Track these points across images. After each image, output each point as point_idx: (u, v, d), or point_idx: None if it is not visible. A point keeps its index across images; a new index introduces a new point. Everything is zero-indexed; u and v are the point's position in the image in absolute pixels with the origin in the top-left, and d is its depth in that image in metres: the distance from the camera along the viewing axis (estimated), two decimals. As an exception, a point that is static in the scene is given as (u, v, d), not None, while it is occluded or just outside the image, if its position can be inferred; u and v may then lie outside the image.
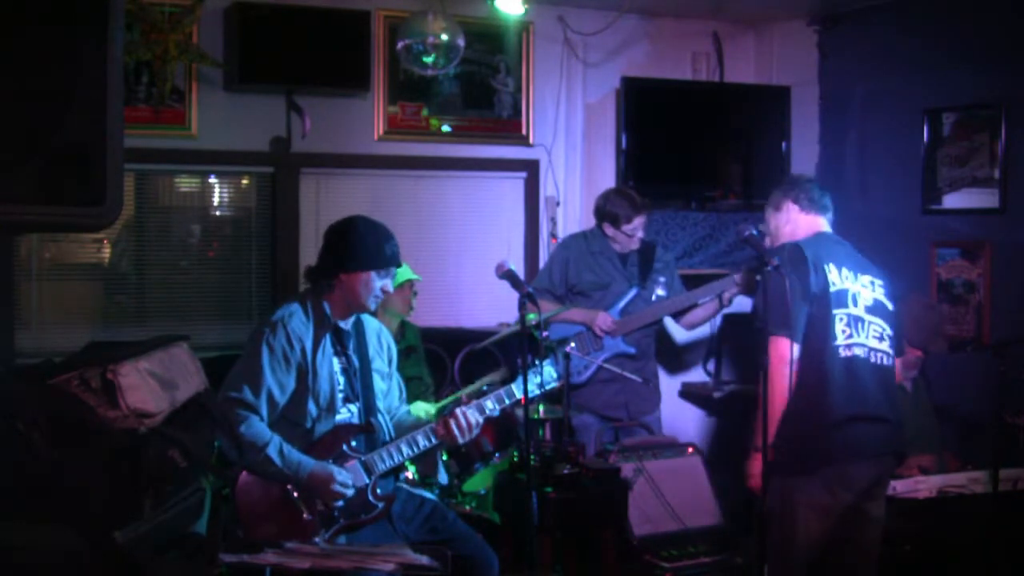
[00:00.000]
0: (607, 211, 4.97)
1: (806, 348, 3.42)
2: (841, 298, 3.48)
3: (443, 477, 4.23)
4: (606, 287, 5.00)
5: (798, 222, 3.70)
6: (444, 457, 4.25)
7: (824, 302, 3.46)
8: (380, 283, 3.46)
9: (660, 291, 5.06)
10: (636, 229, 4.94)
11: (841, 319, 3.46)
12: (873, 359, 3.51)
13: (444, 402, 4.54)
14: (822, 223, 3.71)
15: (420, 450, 3.51)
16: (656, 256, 5.12)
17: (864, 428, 3.45)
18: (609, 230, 4.98)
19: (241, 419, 3.27)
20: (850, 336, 3.47)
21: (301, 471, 3.31)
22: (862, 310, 3.52)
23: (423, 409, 4.38)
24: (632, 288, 5.00)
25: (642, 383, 4.88)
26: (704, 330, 5.81)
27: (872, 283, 3.61)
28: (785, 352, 3.39)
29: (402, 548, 2.85)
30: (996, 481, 3.69)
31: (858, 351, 3.47)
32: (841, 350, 3.45)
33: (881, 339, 3.55)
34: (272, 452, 3.28)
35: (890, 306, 3.64)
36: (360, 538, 3.39)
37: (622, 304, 4.97)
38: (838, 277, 3.50)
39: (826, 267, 3.48)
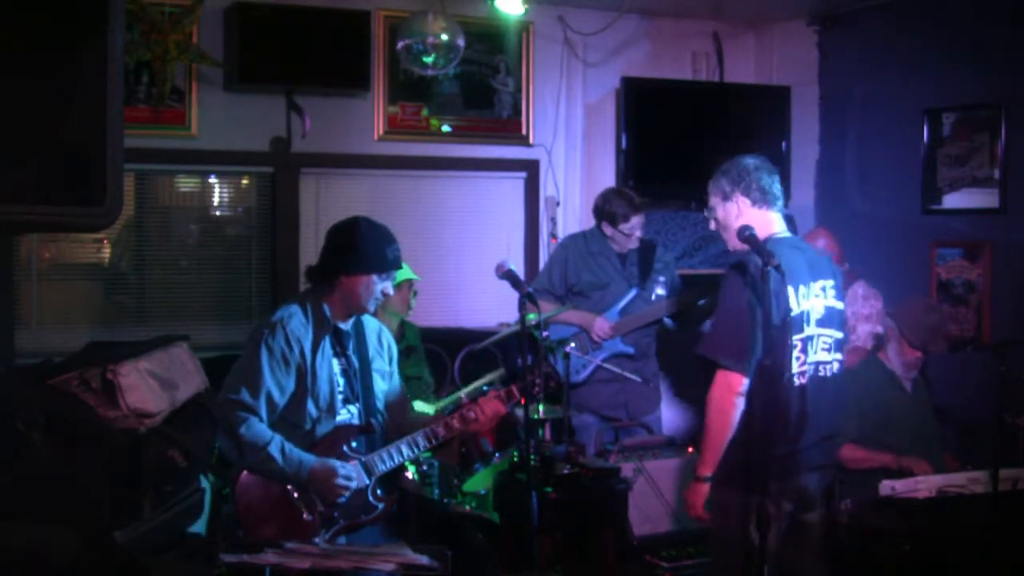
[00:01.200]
0: (605, 210, 4.98)
1: (759, 378, 3.20)
2: (798, 323, 3.30)
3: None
4: (605, 287, 5.00)
5: (749, 218, 3.39)
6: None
7: (784, 330, 3.25)
8: (381, 286, 3.45)
9: (660, 291, 5.06)
10: (634, 228, 4.94)
11: (796, 346, 3.29)
12: (821, 372, 3.37)
13: (443, 402, 4.54)
14: (775, 220, 3.44)
15: (420, 450, 3.51)
16: (656, 256, 5.11)
17: (815, 449, 3.38)
18: (608, 229, 4.99)
19: (241, 420, 3.27)
20: (803, 362, 3.31)
21: (303, 469, 3.31)
22: (813, 326, 3.35)
23: (422, 410, 4.38)
24: (632, 288, 5.00)
25: (642, 383, 4.88)
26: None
27: (824, 289, 3.41)
28: (736, 388, 3.20)
29: (402, 548, 2.85)
30: (996, 481, 3.68)
31: (809, 372, 3.33)
32: (795, 378, 3.30)
33: (830, 350, 3.40)
34: (274, 451, 3.28)
35: (840, 305, 3.47)
36: (360, 538, 3.39)
37: (622, 304, 4.97)
38: (796, 300, 3.30)
39: (788, 290, 3.27)
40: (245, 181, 5.53)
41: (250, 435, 3.26)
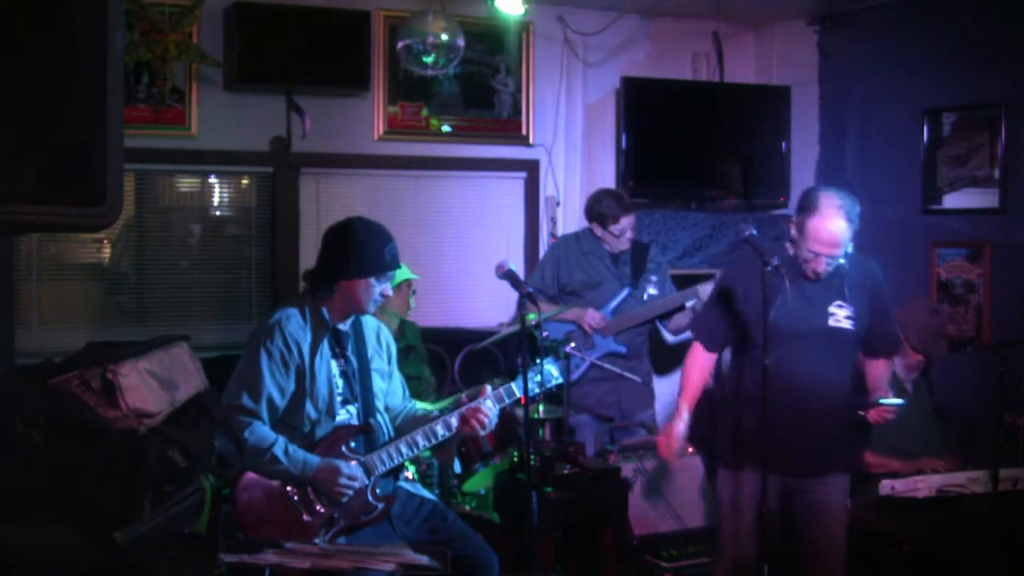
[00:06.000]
0: (595, 212, 5.01)
1: None
2: None
3: (458, 467, 4.24)
4: (597, 286, 5.02)
5: None
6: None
7: None
8: (380, 287, 3.45)
9: (652, 290, 5.08)
10: (624, 229, 4.96)
11: None
12: None
13: (442, 404, 4.52)
14: None
15: (420, 450, 3.51)
16: (649, 256, 5.13)
17: None
18: (598, 230, 5.02)
19: (244, 425, 3.27)
20: None
21: (307, 469, 3.31)
22: None
23: (420, 407, 4.37)
24: (624, 288, 5.02)
25: (639, 382, 4.88)
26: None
27: None
28: None
29: (402, 548, 2.84)
30: (996, 481, 3.69)
31: None
32: None
33: None
34: (278, 451, 3.28)
35: None
36: (360, 539, 3.39)
37: (614, 304, 4.99)
38: None
39: None
40: (245, 181, 5.53)
41: (254, 439, 3.27)
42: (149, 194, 5.30)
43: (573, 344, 4.84)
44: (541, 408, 4.17)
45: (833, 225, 3.35)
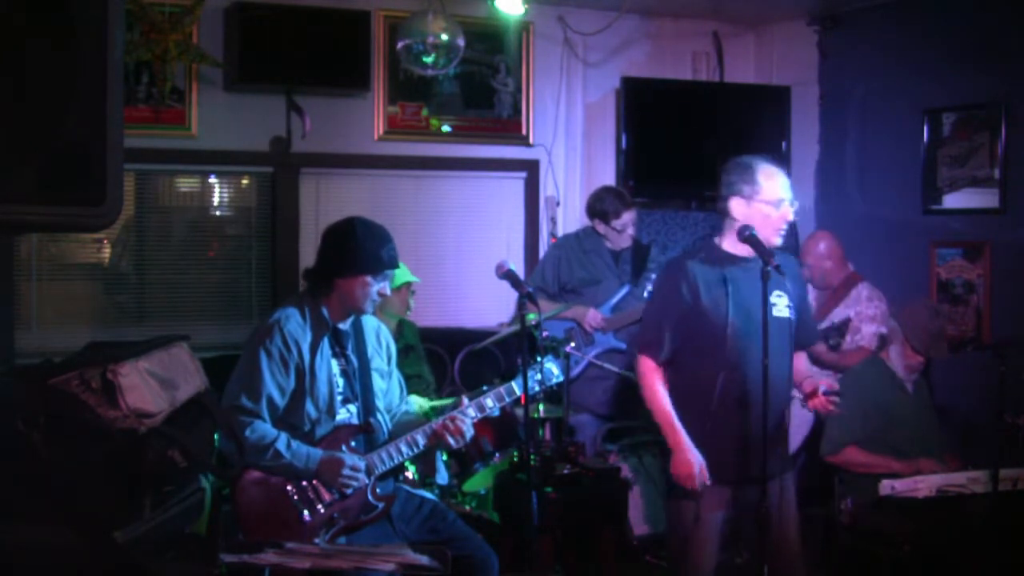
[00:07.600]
0: (597, 208, 5.03)
1: None
2: None
3: (442, 477, 4.23)
4: (598, 284, 5.03)
5: None
6: (444, 457, 4.25)
7: None
8: (377, 287, 3.44)
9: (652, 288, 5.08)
10: (627, 224, 4.98)
11: None
12: None
13: (441, 402, 4.52)
14: None
15: (420, 450, 3.51)
16: (651, 256, 5.15)
17: None
18: (600, 227, 5.03)
19: (245, 424, 3.27)
20: None
21: (311, 462, 3.31)
22: None
23: (417, 403, 4.37)
24: (624, 285, 5.02)
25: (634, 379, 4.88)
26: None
27: None
28: None
29: (402, 548, 2.84)
30: (996, 481, 3.69)
31: None
32: None
33: None
34: (280, 446, 3.28)
35: None
36: (360, 539, 3.38)
37: (614, 301, 5.00)
38: None
39: None
40: (245, 181, 5.53)
41: (255, 436, 3.27)
42: (149, 194, 5.30)
43: (573, 344, 4.84)
44: (541, 408, 4.17)
45: (782, 178, 3.38)
